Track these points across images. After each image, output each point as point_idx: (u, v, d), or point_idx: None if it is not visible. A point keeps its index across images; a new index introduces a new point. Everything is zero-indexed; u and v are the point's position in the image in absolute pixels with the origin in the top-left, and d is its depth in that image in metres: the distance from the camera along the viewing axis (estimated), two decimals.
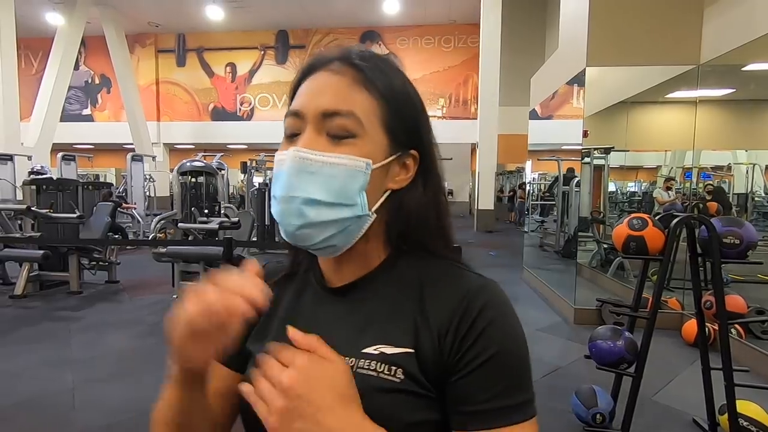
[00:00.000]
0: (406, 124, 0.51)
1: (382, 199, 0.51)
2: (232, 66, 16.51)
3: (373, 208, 0.50)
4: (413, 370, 0.46)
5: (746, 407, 2.08)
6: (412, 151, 0.52)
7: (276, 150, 0.52)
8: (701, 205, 4.49)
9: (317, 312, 0.54)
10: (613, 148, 5.43)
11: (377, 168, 0.49)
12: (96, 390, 2.68)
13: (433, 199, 0.54)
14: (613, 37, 3.89)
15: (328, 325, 0.51)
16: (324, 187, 0.46)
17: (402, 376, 0.46)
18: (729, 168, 5.44)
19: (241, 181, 11.48)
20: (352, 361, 0.47)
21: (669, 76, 4.10)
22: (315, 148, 0.47)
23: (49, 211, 5.08)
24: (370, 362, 0.47)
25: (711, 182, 5.04)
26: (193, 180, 5.31)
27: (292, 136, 0.49)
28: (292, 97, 0.52)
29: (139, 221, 8.66)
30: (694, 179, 4.53)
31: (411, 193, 0.52)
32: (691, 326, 3.40)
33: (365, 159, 0.47)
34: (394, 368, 0.46)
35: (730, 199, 5.37)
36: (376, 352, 0.47)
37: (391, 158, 0.50)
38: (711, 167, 5.22)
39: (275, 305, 0.56)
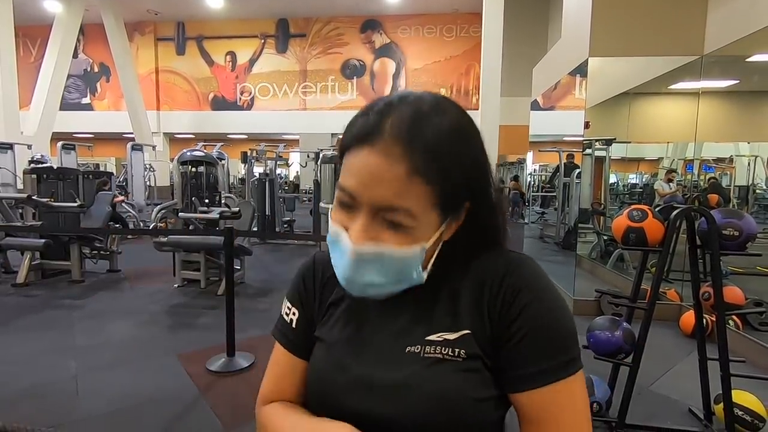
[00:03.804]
0: (459, 193, 0.51)
1: (436, 252, 0.54)
2: (232, 55, 16.39)
3: (429, 264, 0.54)
4: (474, 349, 0.51)
5: (742, 397, 2.10)
6: (465, 204, 0.54)
7: (276, 140, 0.53)
8: (702, 197, 4.49)
9: (377, 301, 0.56)
10: (614, 139, 5.40)
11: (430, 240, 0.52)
12: (98, 377, 2.70)
13: (487, 221, 0.57)
14: (616, 28, 3.85)
15: (391, 313, 0.57)
16: (383, 272, 0.51)
17: (465, 355, 0.51)
18: (731, 160, 5.42)
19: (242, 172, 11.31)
20: (418, 348, 0.53)
21: (672, 67, 4.07)
22: (370, 239, 0.49)
23: (50, 200, 5.08)
24: (435, 347, 0.52)
25: (713, 174, 5.03)
26: (194, 169, 5.29)
27: (345, 206, 0.51)
28: (341, 155, 0.51)
29: (135, 215, 8.55)
30: (696, 171, 4.51)
31: (463, 229, 0.55)
32: (689, 317, 3.42)
33: (421, 245, 0.50)
34: (457, 350, 0.51)
35: (732, 192, 5.36)
36: (440, 339, 0.53)
37: (441, 228, 0.52)
38: (713, 159, 5.20)
39: (334, 292, 0.61)
